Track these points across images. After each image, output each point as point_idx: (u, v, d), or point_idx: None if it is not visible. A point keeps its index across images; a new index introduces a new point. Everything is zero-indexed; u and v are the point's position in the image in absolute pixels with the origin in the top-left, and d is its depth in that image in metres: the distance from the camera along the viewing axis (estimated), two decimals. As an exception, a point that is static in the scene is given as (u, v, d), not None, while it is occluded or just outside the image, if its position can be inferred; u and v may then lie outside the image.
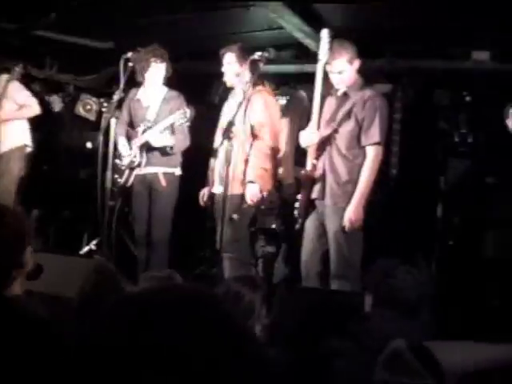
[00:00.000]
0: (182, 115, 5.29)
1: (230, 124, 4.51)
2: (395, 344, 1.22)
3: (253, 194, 5.10)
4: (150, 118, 5.61)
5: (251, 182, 5.09)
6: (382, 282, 2.54)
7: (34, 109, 6.47)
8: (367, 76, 5.17)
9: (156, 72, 5.58)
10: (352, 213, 4.54)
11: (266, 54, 4.57)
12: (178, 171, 5.70)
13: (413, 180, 6.68)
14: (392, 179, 6.73)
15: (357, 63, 4.67)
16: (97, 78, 8.19)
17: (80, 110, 8.18)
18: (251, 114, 5.04)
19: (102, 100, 8.14)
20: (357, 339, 2.46)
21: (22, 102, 6.35)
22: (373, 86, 4.94)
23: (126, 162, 5.59)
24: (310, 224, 4.77)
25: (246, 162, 5.09)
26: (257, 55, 4.61)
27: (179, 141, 5.58)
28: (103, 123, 5.40)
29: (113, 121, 5.19)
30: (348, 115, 4.63)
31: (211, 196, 5.43)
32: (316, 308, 3.10)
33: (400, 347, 1.22)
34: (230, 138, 4.48)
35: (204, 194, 5.47)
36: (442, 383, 1.21)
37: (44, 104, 7.69)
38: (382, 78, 6.67)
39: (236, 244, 5.18)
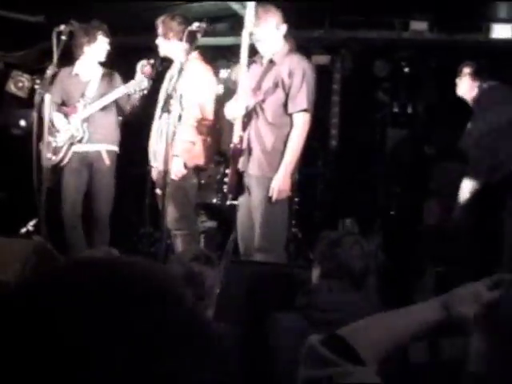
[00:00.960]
0: (138, 84, 5.19)
1: (169, 97, 4.38)
2: (309, 341, 1.21)
3: (177, 168, 4.91)
4: (89, 93, 5.48)
5: (175, 155, 4.85)
6: (328, 253, 2.52)
7: None
8: (305, 47, 5.12)
9: (101, 47, 5.47)
10: (279, 182, 4.44)
11: (203, 25, 4.43)
12: (116, 148, 5.60)
13: (353, 151, 6.72)
14: (332, 151, 6.75)
15: (283, 28, 4.55)
16: (28, 54, 7.91)
17: (11, 87, 7.90)
18: (180, 84, 4.86)
19: (34, 77, 7.88)
20: (304, 312, 2.43)
21: None
22: (302, 54, 4.83)
23: (64, 137, 5.43)
24: (242, 200, 4.67)
25: (173, 135, 4.90)
26: (194, 26, 4.46)
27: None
28: (37, 99, 5.21)
29: (47, 97, 5.02)
30: (275, 84, 4.51)
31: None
32: (262, 281, 3.07)
33: (313, 344, 1.20)
34: (169, 112, 4.34)
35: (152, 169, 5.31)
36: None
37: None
38: (320, 49, 6.65)
39: (185, 220, 5.09)
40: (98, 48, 5.47)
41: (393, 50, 6.52)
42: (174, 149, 4.76)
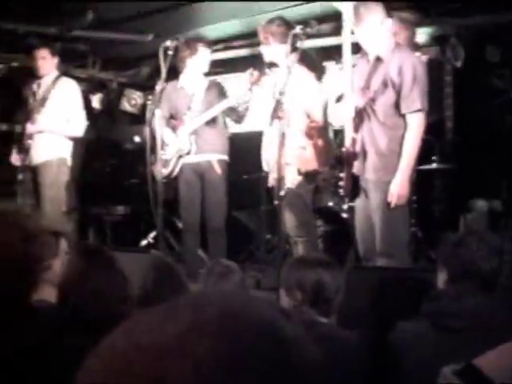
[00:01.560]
0: (242, 97, 5.23)
1: (278, 103, 4.27)
2: (443, 372, 1.11)
3: (292, 176, 4.86)
4: (196, 105, 5.57)
5: (288, 164, 4.77)
6: (452, 255, 2.38)
7: (78, 129, 5.98)
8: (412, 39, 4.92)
9: (203, 58, 5.56)
10: (397, 187, 4.22)
11: (307, 28, 4.34)
12: (226, 157, 5.64)
13: (470, 143, 6.43)
14: (448, 144, 6.50)
15: (388, 23, 4.31)
16: (139, 72, 8.17)
17: (125, 105, 8.19)
18: (288, 91, 4.74)
19: (146, 93, 8.13)
20: (431, 320, 2.31)
21: (72, 117, 5.94)
22: (412, 48, 4.62)
23: (173, 150, 5.54)
24: (359, 202, 4.51)
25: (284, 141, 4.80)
26: (298, 28, 4.38)
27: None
28: (148, 115, 5.35)
29: (157, 112, 5.12)
30: (384, 83, 4.28)
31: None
32: (385, 287, 2.96)
33: (447, 375, 1.10)
34: (279, 118, 4.26)
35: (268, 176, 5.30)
36: None
37: (89, 102, 7.73)
38: (428, 40, 6.43)
39: (305, 226, 5.03)
40: (199, 60, 5.55)
41: (505, 33, 6.19)
42: (286, 156, 4.73)
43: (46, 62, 5.89)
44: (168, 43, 5.06)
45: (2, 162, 6.67)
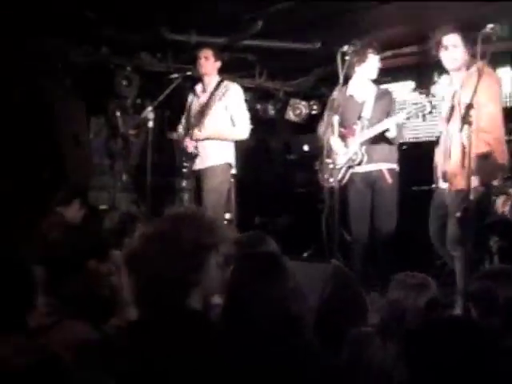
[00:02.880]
0: (421, 108, 5.04)
1: (469, 106, 3.93)
2: None
3: (474, 188, 4.39)
4: (366, 114, 5.44)
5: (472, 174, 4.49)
6: None
7: (243, 132, 5.92)
8: None
9: (372, 65, 5.42)
10: None
11: (496, 28, 4.02)
12: (397, 167, 5.47)
13: None
14: None
15: None
16: (305, 81, 8.19)
17: (290, 114, 8.24)
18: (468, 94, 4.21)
19: (311, 103, 8.13)
20: None
21: (237, 120, 5.88)
22: None
23: (343, 160, 5.43)
24: None
25: (464, 151, 4.36)
26: (488, 28, 4.05)
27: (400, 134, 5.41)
28: (326, 120, 5.27)
29: (335, 118, 5.02)
30: None
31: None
32: None
33: None
34: (470, 123, 3.93)
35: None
36: None
37: (256, 112, 7.84)
38: None
39: (462, 241, 4.70)
40: (368, 67, 5.42)
41: None
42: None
43: (208, 63, 5.85)
44: (345, 48, 4.98)
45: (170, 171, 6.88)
